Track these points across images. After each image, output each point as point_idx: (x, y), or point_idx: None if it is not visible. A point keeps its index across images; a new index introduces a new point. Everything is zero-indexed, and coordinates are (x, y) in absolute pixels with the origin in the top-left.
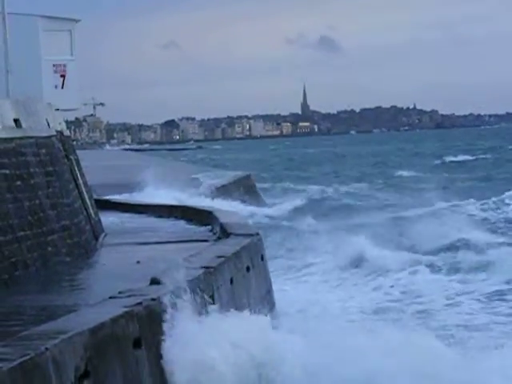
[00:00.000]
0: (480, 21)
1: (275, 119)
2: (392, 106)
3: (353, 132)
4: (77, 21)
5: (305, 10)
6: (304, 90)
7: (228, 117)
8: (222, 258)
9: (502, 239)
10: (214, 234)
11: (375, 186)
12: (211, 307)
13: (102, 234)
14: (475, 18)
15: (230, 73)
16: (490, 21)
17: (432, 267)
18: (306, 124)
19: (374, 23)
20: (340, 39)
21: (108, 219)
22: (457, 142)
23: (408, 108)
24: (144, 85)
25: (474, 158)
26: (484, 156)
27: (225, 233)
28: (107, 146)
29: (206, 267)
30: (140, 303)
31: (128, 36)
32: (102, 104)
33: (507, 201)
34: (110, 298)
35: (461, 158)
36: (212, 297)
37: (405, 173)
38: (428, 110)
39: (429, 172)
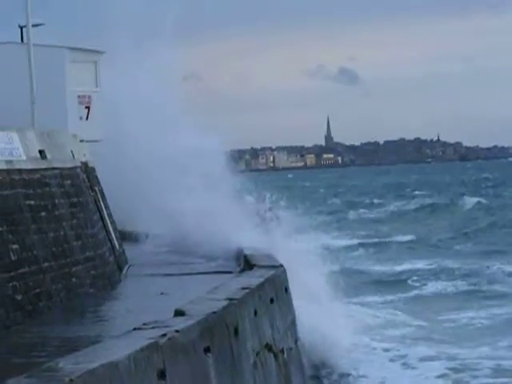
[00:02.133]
0: (501, 52)
1: (299, 151)
2: (416, 138)
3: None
4: (102, 52)
5: (324, 42)
6: (328, 122)
7: (252, 148)
8: (246, 290)
9: None
10: (238, 265)
11: None
12: None
13: (126, 265)
14: (496, 50)
15: (252, 104)
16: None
17: None
18: (330, 156)
19: (394, 55)
20: (360, 70)
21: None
22: None
23: (432, 140)
24: (165, 116)
25: None
26: None
27: (249, 264)
28: None
29: (230, 299)
30: (164, 335)
31: (149, 67)
32: None
33: None
34: (135, 329)
35: None
36: (236, 329)
37: None
38: (452, 141)
39: None
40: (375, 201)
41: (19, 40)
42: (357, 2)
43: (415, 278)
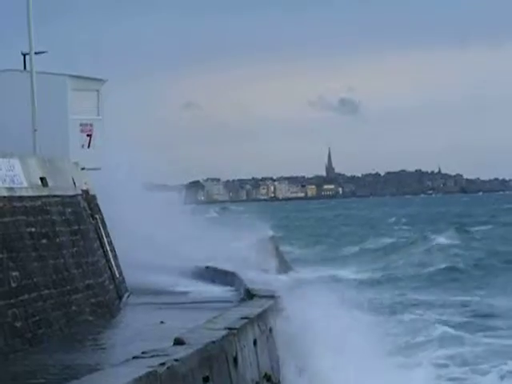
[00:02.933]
0: (501, 83)
1: (300, 181)
2: (417, 170)
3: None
4: (104, 81)
5: (324, 72)
6: (329, 152)
7: (253, 178)
8: (246, 320)
9: None
10: (238, 295)
11: None
12: None
13: (126, 294)
14: (496, 81)
15: (252, 134)
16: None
17: None
18: (331, 186)
19: (394, 85)
20: (360, 101)
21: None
22: None
23: (433, 172)
24: (167, 145)
25: None
26: None
27: (249, 294)
28: None
29: (230, 328)
30: (163, 363)
31: (149, 95)
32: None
33: None
34: (134, 357)
35: None
36: (235, 358)
37: None
38: (453, 173)
39: None
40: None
41: (22, 67)
42: (355, 33)
43: None
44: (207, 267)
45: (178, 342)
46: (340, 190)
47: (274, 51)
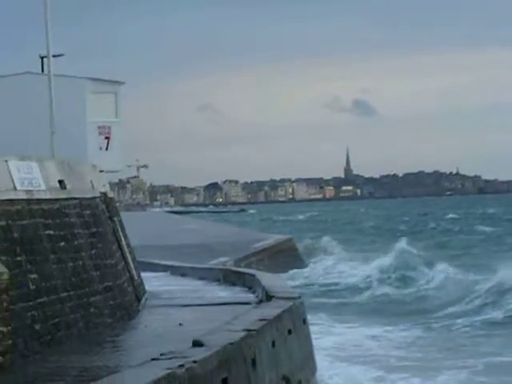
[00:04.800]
0: None
1: (318, 182)
2: (435, 171)
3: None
4: (121, 83)
5: (338, 74)
6: (347, 154)
7: (271, 179)
8: (264, 321)
9: None
10: (257, 296)
11: None
12: None
13: (145, 296)
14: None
15: (269, 136)
16: None
17: None
18: (349, 188)
19: (408, 87)
20: (374, 102)
21: (150, 281)
22: None
23: (451, 173)
24: (186, 147)
25: None
26: None
27: (267, 296)
28: (155, 208)
29: (248, 330)
30: (182, 365)
31: (166, 98)
32: (145, 166)
33: None
34: (152, 359)
35: None
36: (254, 360)
37: None
38: (471, 175)
39: None
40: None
41: (40, 70)
42: (368, 36)
43: None
44: (226, 269)
45: (197, 343)
46: (358, 191)
47: (289, 54)
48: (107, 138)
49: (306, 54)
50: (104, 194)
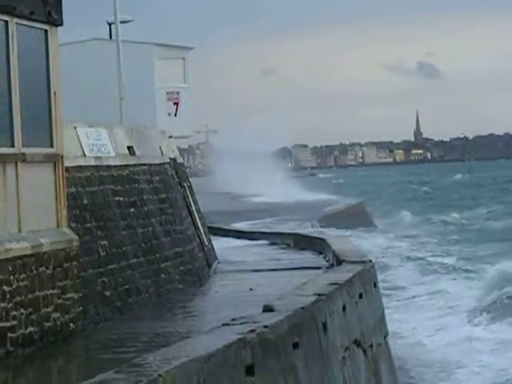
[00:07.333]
0: None
1: (387, 146)
2: (505, 133)
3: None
4: (190, 48)
5: (402, 37)
6: (417, 117)
7: (341, 144)
8: (335, 285)
9: None
10: (327, 261)
11: None
12: None
13: (215, 261)
14: None
15: (336, 100)
16: None
17: None
18: (419, 151)
19: (472, 49)
20: (438, 65)
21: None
22: None
23: None
24: (254, 112)
25: None
26: None
27: (337, 260)
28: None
29: (319, 294)
30: (253, 330)
31: (235, 63)
32: (214, 131)
33: None
34: (223, 325)
35: None
36: (325, 324)
37: None
38: None
39: None
40: None
41: (108, 36)
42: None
43: None
44: (296, 234)
45: (267, 308)
46: (428, 154)
47: (355, 19)
48: (176, 103)
49: (371, 20)
50: (173, 160)
